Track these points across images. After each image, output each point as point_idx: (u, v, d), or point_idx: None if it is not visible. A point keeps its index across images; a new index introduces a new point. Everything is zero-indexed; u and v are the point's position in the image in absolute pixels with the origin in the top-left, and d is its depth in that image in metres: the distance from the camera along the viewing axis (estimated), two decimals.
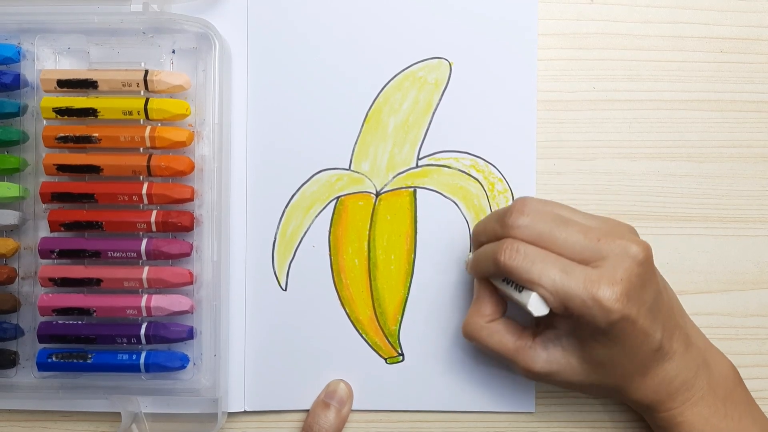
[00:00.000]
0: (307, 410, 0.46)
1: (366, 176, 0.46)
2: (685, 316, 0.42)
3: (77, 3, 0.44)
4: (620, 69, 0.46)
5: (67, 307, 0.44)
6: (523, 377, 0.42)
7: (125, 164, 0.44)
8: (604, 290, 0.36)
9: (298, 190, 0.46)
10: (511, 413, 0.46)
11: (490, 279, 0.41)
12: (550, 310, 0.38)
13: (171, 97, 0.44)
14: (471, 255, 0.43)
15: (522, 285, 0.38)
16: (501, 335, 0.41)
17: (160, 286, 0.44)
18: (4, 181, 0.44)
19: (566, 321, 0.39)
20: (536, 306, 0.38)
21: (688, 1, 0.47)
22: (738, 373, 0.42)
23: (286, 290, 0.46)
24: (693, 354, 0.41)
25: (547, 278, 0.37)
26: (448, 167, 0.46)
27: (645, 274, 0.38)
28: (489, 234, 0.41)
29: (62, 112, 0.43)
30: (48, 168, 0.44)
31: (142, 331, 0.44)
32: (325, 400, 0.45)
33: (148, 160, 0.43)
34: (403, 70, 0.46)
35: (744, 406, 0.41)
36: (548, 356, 0.40)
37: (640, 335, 0.38)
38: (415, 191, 0.46)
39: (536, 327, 0.41)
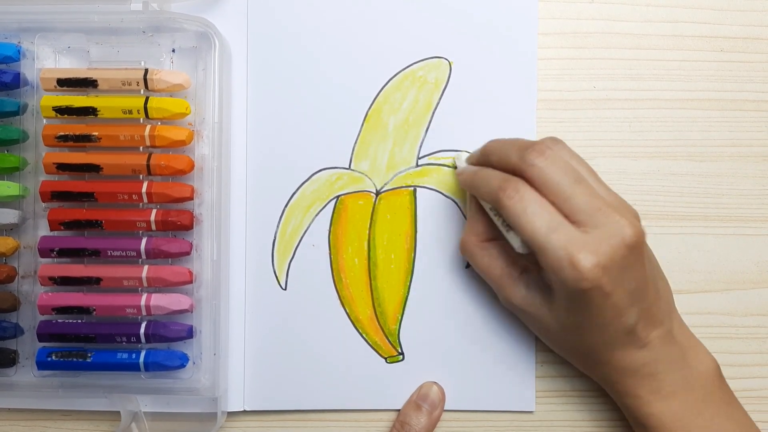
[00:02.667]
0: (307, 410, 0.46)
1: (366, 175, 0.46)
2: (673, 313, 0.42)
3: (77, 2, 0.44)
4: (620, 68, 0.46)
5: (67, 306, 0.44)
6: (504, 304, 0.43)
7: (125, 163, 0.44)
8: (583, 255, 0.36)
9: (297, 189, 0.46)
10: (511, 413, 0.46)
11: (480, 201, 0.42)
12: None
13: (171, 96, 0.44)
14: (466, 164, 0.43)
15: (512, 226, 0.39)
16: (491, 259, 0.42)
17: (159, 285, 0.44)
18: (3, 179, 0.44)
19: (544, 278, 0.40)
20: (519, 243, 0.39)
21: (688, 0, 0.47)
22: (720, 373, 0.42)
23: (285, 289, 0.46)
24: (670, 350, 0.40)
25: (532, 226, 0.37)
26: (448, 166, 0.46)
27: (631, 257, 0.37)
28: (502, 157, 0.40)
29: (62, 111, 0.43)
30: (48, 167, 0.44)
31: (142, 330, 0.44)
32: (417, 402, 0.45)
33: (148, 159, 0.43)
34: (403, 69, 0.46)
35: (722, 405, 0.41)
36: (527, 295, 0.41)
37: (611, 311, 0.38)
38: (415, 190, 0.46)
39: (527, 262, 0.42)
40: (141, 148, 0.44)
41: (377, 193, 0.46)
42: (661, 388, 0.40)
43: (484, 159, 0.42)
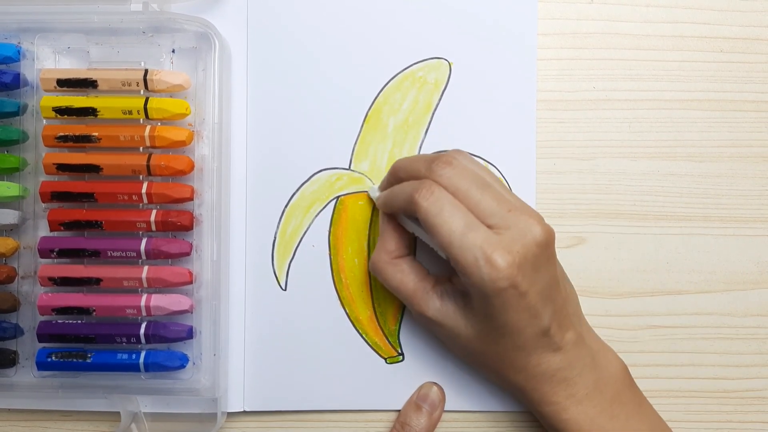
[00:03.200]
0: (307, 410, 0.46)
1: (366, 176, 0.46)
2: (581, 317, 0.43)
3: (77, 2, 0.44)
4: (620, 69, 0.46)
5: (67, 307, 0.44)
6: (415, 320, 0.44)
7: (125, 163, 0.44)
8: (498, 254, 0.37)
9: (297, 190, 0.46)
10: (511, 413, 0.46)
11: (402, 217, 0.42)
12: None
13: (171, 97, 0.44)
14: (378, 190, 0.44)
15: (426, 229, 0.39)
16: (403, 274, 0.42)
17: (159, 286, 0.44)
18: (3, 180, 0.44)
19: (462, 281, 0.40)
20: (438, 249, 0.40)
21: (688, 1, 0.47)
22: (629, 374, 0.42)
23: (285, 290, 0.46)
24: (582, 353, 0.41)
25: (449, 227, 0.38)
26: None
27: (542, 256, 0.38)
28: (411, 172, 0.41)
29: (62, 111, 0.43)
30: (48, 167, 0.44)
31: (142, 330, 0.44)
32: (417, 402, 0.45)
33: (148, 160, 0.43)
34: (403, 70, 0.46)
35: (633, 406, 0.41)
36: (441, 306, 0.41)
37: (527, 313, 0.38)
38: None
39: (438, 274, 0.43)
40: (141, 148, 0.44)
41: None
42: (575, 392, 0.40)
43: (394, 178, 0.43)
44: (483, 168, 0.41)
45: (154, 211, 0.44)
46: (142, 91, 0.44)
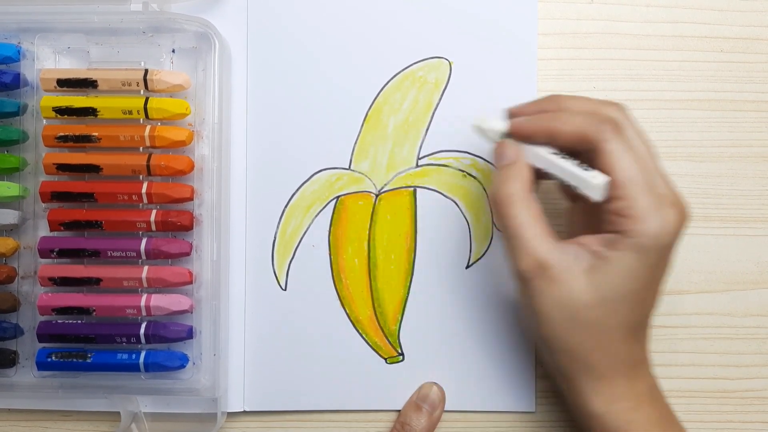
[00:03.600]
0: (307, 410, 0.46)
1: (366, 176, 0.46)
2: None
3: (77, 2, 0.44)
4: (620, 69, 0.46)
5: (67, 307, 0.44)
6: (519, 269, 0.38)
7: (125, 163, 0.44)
8: (675, 212, 0.37)
9: (297, 190, 0.46)
10: (511, 413, 0.46)
11: (537, 150, 0.39)
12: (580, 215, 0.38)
13: (171, 97, 0.44)
14: (503, 118, 0.40)
15: (604, 164, 0.37)
16: (534, 213, 0.38)
17: (159, 286, 0.44)
18: (3, 180, 0.44)
19: (599, 239, 0.37)
20: (604, 181, 0.37)
21: (688, 1, 0.47)
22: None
23: (285, 290, 0.46)
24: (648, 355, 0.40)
25: (636, 167, 0.37)
26: (448, 167, 0.46)
27: (678, 239, 0.38)
28: (584, 106, 0.39)
29: (62, 111, 0.43)
30: (48, 167, 0.44)
31: (142, 330, 0.44)
32: (417, 402, 0.45)
33: (148, 160, 0.43)
34: (403, 69, 0.46)
35: (676, 426, 0.40)
36: (562, 260, 0.37)
37: (653, 288, 0.38)
38: (415, 191, 0.46)
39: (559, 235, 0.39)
40: (141, 148, 0.44)
41: (377, 194, 0.46)
42: (642, 392, 0.39)
43: (554, 104, 0.39)
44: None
45: (154, 211, 0.44)
46: (142, 91, 0.44)
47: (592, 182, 0.37)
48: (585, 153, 0.38)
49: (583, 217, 0.40)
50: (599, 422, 0.38)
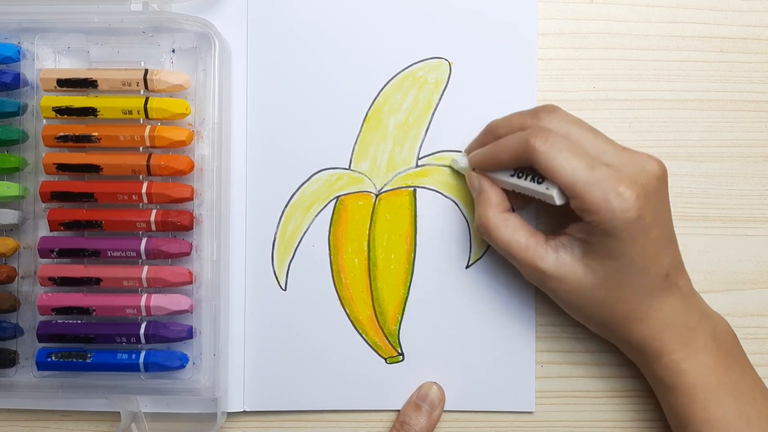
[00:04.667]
0: (307, 410, 0.46)
1: (366, 176, 0.46)
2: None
3: (77, 2, 0.44)
4: (620, 69, 0.46)
5: (67, 307, 0.44)
6: (528, 277, 0.42)
7: (125, 163, 0.44)
8: (626, 187, 0.37)
9: (297, 190, 0.46)
10: (511, 413, 0.46)
11: (499, 175, 0.42)
12: (567, 206, 0.39)
13: (171, 97, 0.44)
14: (465, 154, 0.44)
15: (547, 172, 0.39)
16: (515, 229, 0.41)
17: (159, 286, 0.44)
18: (3, 180, 0.44)
19: (580, 226, 0.39)
20: (559, 195, 0.39)
21: (688, 1, 0.47)
22: (735, 333, 0.42)
23: (285, 290, 0.46)
24: (695, 300, 0.41)
25: (573, 165, 0.38)
26: (448, 167, 0.46)
27: (661, 190, 0.39)
28: (513, 126, 0.41)
29: (62, 111, 0.43)
30: (48, 167, 0.44)
31: (142, 330, 0.44)
32: (417, 402, 0.45)
33: (148, 160, 0.43)
34: (403, 69, 0.46)
35: (744, 363, 0.41)
36: (557, 258, 0.40)
37: (651, 250, 0.38)
38: (415, 191, 0.46)
39: (546, 233, 0.42)
40: (141, 148, 0.44)
41: (377, 194, 0.46)
42: (695, 340, 0.40)
43: (491, 136, 0.43)
44: (580, 119, 0.41)
45: (154, 211, 0.44)
46: (142, 91, 0.44)
47: (546, 193, 0.39)
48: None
49: (568, 209, 0.41)
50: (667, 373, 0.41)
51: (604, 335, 0.43)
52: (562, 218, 0.42)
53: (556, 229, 0.41)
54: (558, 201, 0.39)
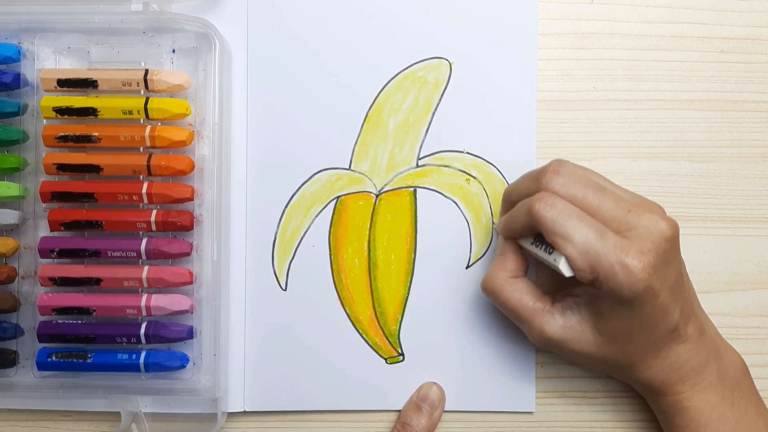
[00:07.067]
0: (307, 411, 0.46)
1: (366, 176, 0.46)
2: (699, 304, 0.43)
3: (77, 2, 0.44)
4: (620, 69, 0.46)
5: (67, 307, 0.44)
6: (535, 342, 0.41)
7: (125, 164, 0.44)
8: (633, 258, 0.37)
9: (298, 190, 0.46)
10: (511, 413, 0.46)
11: (518, 240, 0.41)
12: (574, 277, 0.38)
13: (171, 97, 0.44)
14: (500, 219, 0.43)
15: (552, 242, 0.38)
16: (521, 293, 0.41)
17: (159, 286, 0.44)
18: (4, 180, 0.44)
19: (588, 289, 0.39)
20: (567, 266, 0.38)
21: (688, 1, 0.47)
22: (746, 365, 0.42)
23: (286, 290, 0.46)
24: (705, 341, 0.41)
25: (580, 236, 0.37)
26: (448, 167, 0.46)
27: (671, 251, 0.38)
28: (522, 192, 0.41)
29: (62, 111, 0.43)
30: (48, 167, 0.44)
31: (142, 330, 0.44)
32: (417, 402, 0.45)
33: (148, 160, 0.43)
34: (403, 69, 0.46)
35: (751, 396, 0.41)
36: (564, 322, 0.40)
37: (660, 312, 0.38)
38: (415, 191, 0.46)
39: (555, 294, 0.42)
40: (141, 148, 0.44)
41: (377, 194, 0.46)
42: (701, 380, 0.40)
43: (507, 203, 0.42)
44: (590, 171, 0.40)
45: (154, 211, 0.44)
46: (142, 91, 0.44)
47: (555, 265, 0.39)
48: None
49: None
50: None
51: (615, 377, 0.44)
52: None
53: (560, 285, 0.41)
54: (566, 273, 0.38)
